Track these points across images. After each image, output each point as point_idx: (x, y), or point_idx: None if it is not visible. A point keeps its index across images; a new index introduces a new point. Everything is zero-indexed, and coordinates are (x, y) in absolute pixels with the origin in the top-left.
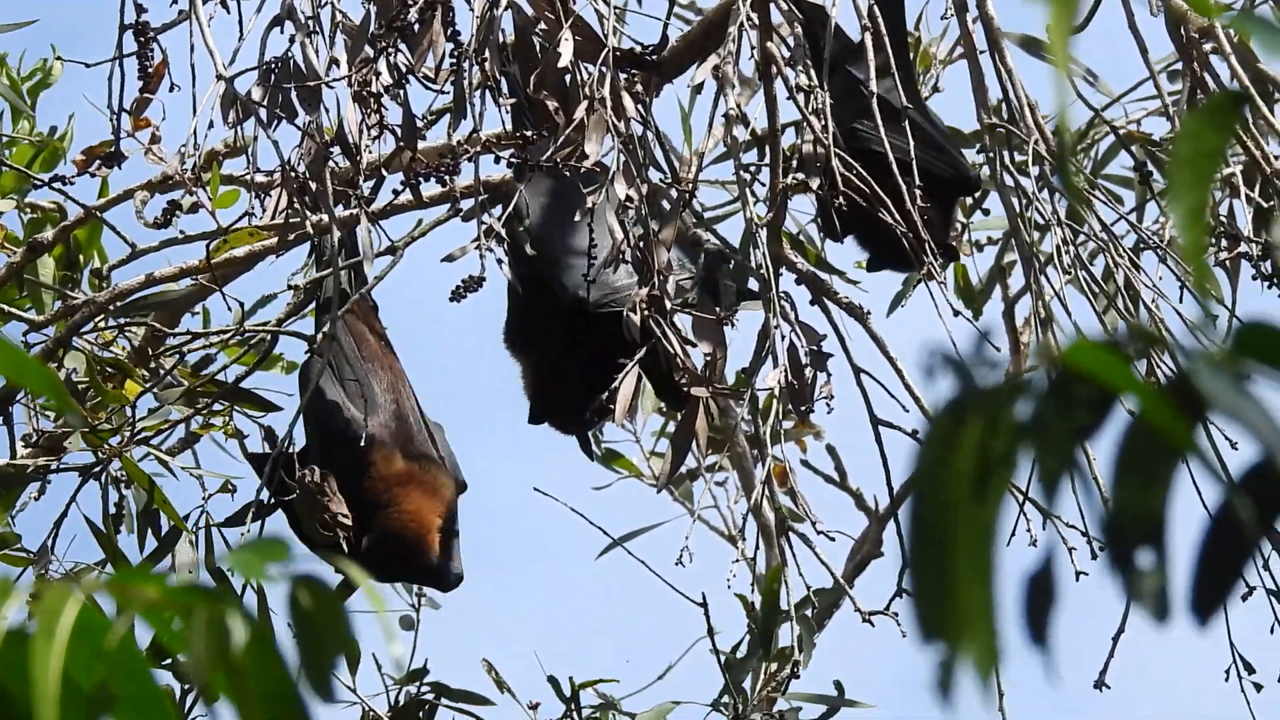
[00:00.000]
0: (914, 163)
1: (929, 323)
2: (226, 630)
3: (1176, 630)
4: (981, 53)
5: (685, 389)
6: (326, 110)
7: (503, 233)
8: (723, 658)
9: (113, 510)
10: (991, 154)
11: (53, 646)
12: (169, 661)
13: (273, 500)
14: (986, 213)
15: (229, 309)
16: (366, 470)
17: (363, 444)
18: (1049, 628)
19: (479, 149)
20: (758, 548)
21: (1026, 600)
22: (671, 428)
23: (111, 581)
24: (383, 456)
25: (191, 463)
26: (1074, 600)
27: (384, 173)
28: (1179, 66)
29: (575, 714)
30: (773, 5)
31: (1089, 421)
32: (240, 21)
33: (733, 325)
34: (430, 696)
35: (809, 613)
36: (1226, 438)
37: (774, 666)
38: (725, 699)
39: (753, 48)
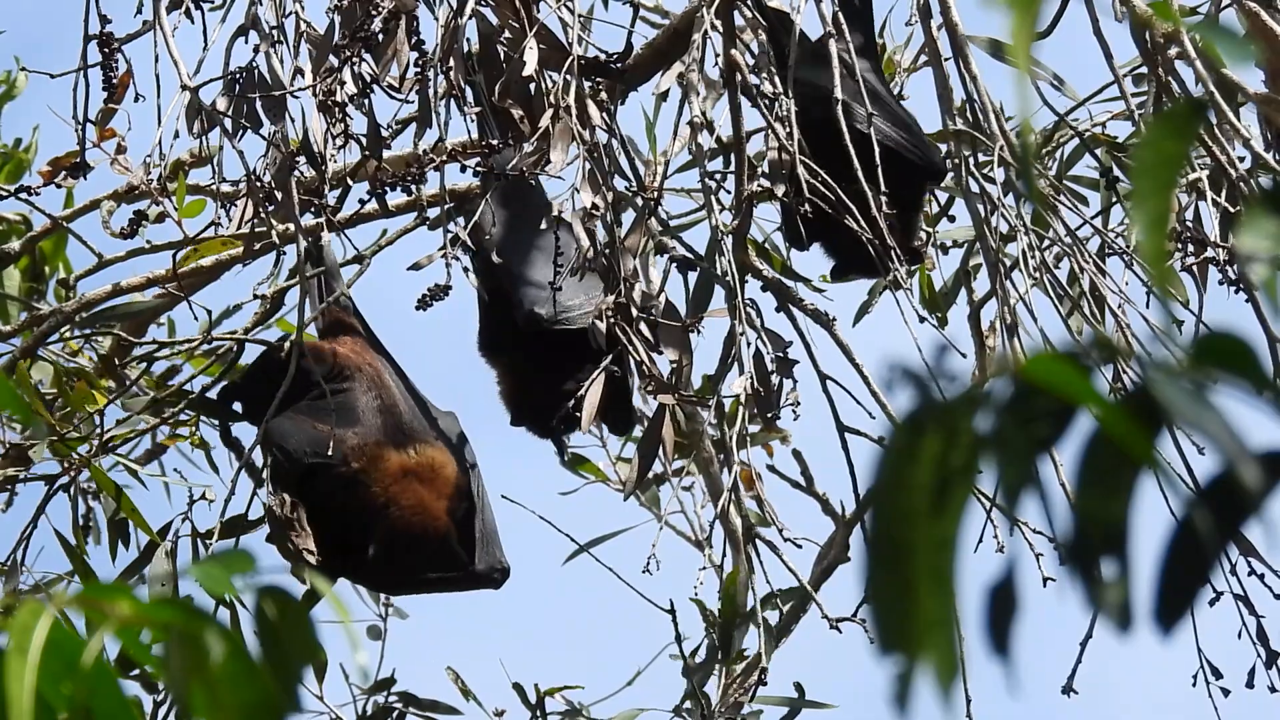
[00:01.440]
0: (884, 144)
1: (895, 329)
2: (204, 646)
3: (1141, 639)
4: (946, 59)
5: (633, 415)
6: (292, 120)
7: (469, 242)
8: (685, 663)
9: (81, 521)
10: (956, 160)
11: (26, 664)
12: (136, 672)
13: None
14: (952, 219)
15: (195, 318)
16: (358, 482)
17: (342, 466)
18: (1011, 638)
19: (445, 158)
20: (725, 554)
21: (989, 610)
22: (639, 433)
23: (84, 597)
24: (370, 461)
25: (159, 472)
26: (1041, 606)
27: (350, 182)
28: (1144, 70)
29: None
30: (736, 12)
31: (1049, 433)
32: (204, 32)
33: (698, 332)
34: (398, 706)
35: (772, 616)
36: (1193, 443)
37: (739, 670)
38: (689, 704)
39: (717, 54)
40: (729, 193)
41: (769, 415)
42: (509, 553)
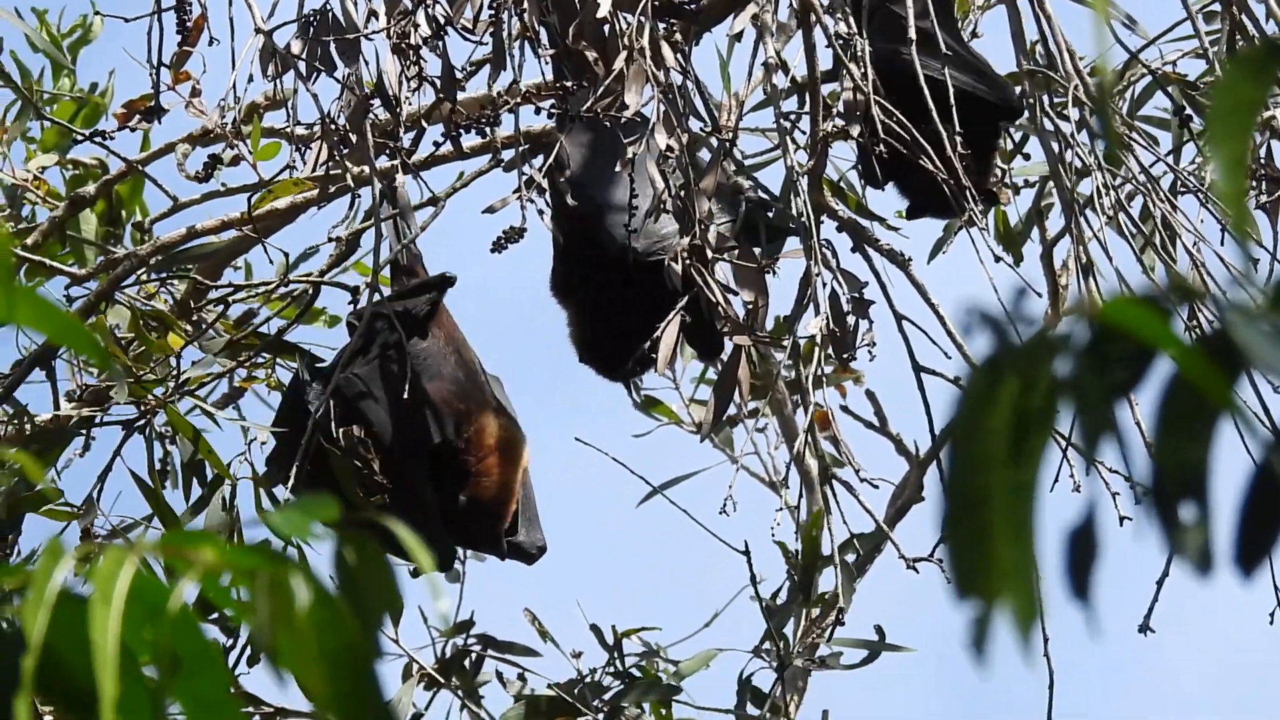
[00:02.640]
0: (959, 89)
1: (970, 269)
2: (290, 592)
3: (1220, 581)
4: None
5: (724, 338)
6: (366, 63)
7: (544, 184)
8: (764, 604)
9: (158, 465)
10: (1030, 99)
11: (111, 612)
12: (215, 616)
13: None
14: (1027, 157)
15: (270, 262)
16: (460, 450)
17: (456, 439)
18: (1091, 582)
19: (519, 100)
20: (800, 495)
21: (1068, 554)
22: (712, 375)
23: (167, 543)
24: (476, 432)
25: (237, 416)
26: (1116, 544)
27: (424, 124)
28: (1216, 7)
29: (618, 662)
30: None
31: (1128, 377)
32: None
33: (774, 273)
34: (476, 648)
35: (850, 558)
36: (1272, 385)
37: (816, 612)
38: (767, 645)
39: None
40: (804, 133)
41: (845, 356)
42: (585, 494)
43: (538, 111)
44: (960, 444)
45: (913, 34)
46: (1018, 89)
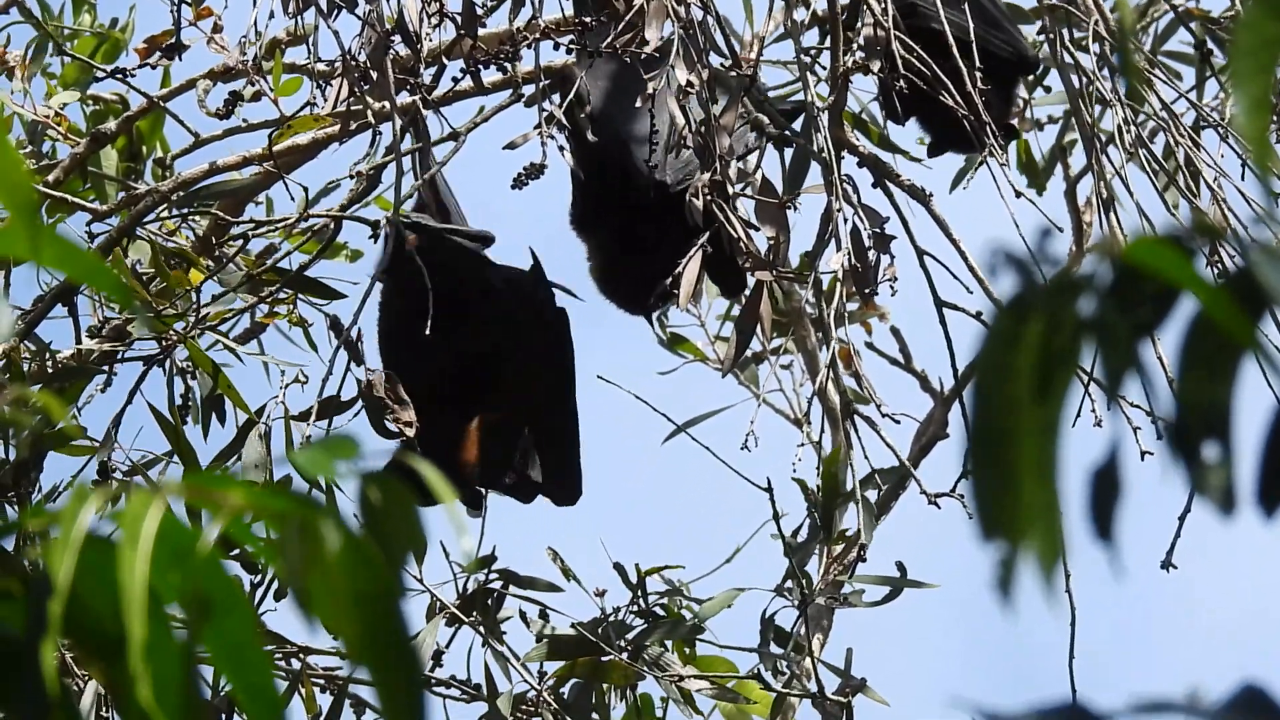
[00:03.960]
0: (973, 41)
1: (992, 203)
2: (319, 535)
3: (1243, 520)
4: None
5: (745, 272)
6: None
7: (564, 120)
8: (786, 542)
9: (178, 401)
10: (1051, 34)
11: (139, 555)
12: (236, 552)
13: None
14: (1048, 90)
15: (292, 198)
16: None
17: None
18: (1114, 522)
19: (539, 35)
20: (823, 431)
21: (1091, 495)
22: (736, 311)
23: (193, 485)
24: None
25: (258, 351)
26: (1138, 479)
27: (445, 61)
28: None
29: (641, 600)
30: None
31: (1151, 317)
32: None
33: (795, 209)
34: (497, 585)
35: (871, 494)
36: None
37: (838, 550)
38: (789, 584)
39: None
40: (824, 68)
41: (867, 291)
42: (608, 431)
43: (557, 47)
44: (984, 384)
45: None
46: (1038, 24)
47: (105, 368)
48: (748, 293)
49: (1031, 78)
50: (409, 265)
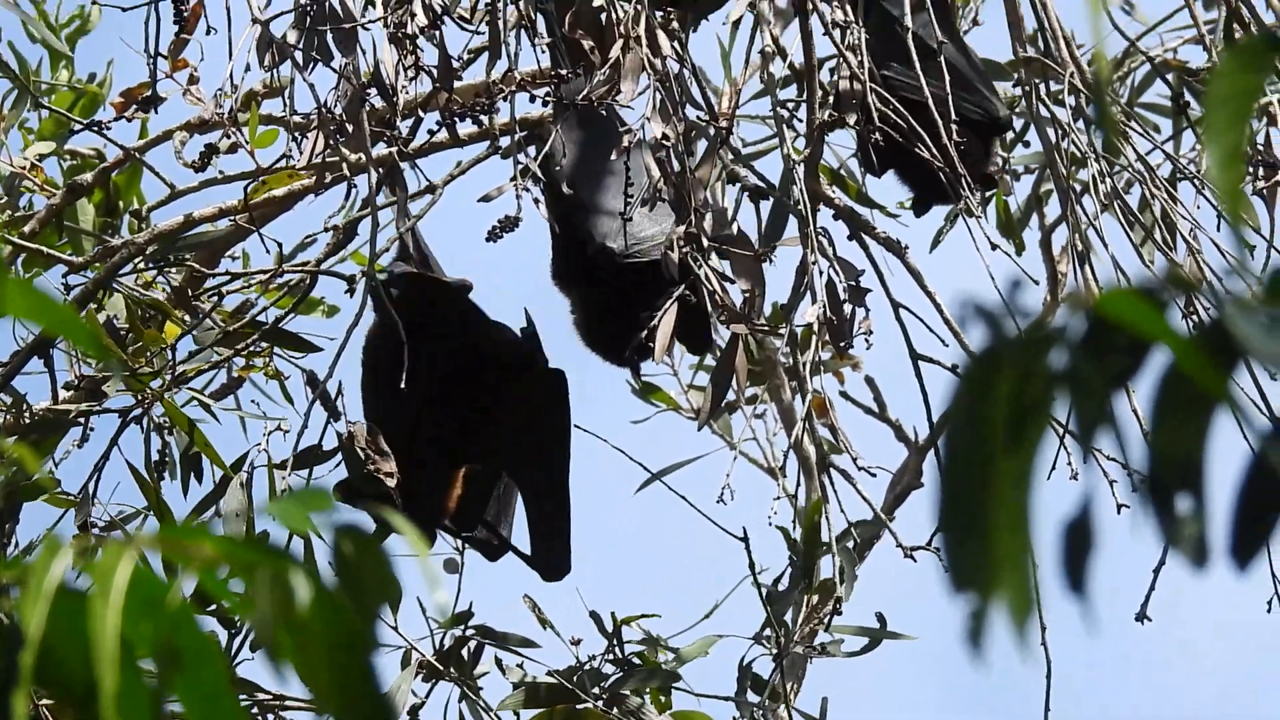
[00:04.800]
0: (947, 102)
1: (968, 257)
2: (290, 588)
3: (1217, 573)
4: None
5: (711, 331)
6: (363, 52)
7: (539, 173)
8: (764, 591)
9: (155, 457)
10: (1028, 87)
11: (111, 606)
12: (212, 608)
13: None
14: (1026, 145)
15: (267, 251)
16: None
17: None
18: (1087, 575)
19: (514, 88)
20: (799, 483)
21: (1065, 547)
22: (710, 360)
23: (165, 537)
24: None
25: (233, 405)
26: (1114, 531)
27: (421, 113)
28: None
29: (617, 649)
30: None
31: (1124, 369)
32: None
33: (771, 262)
34: (475, 639)
35: (850, 545)
36: (1270, 374)
37: (815, 600)
38: (767, 632)
39: None
40: (801, 121)
41: (842, 344)
42: (583, 480)
43: (533, 99)
44: (956, 436)
45: (910, 42)
46: (1015, 77)
47: (81, 421)
48: (723, 345)
49: (1008, 136)
50: (401, 312)
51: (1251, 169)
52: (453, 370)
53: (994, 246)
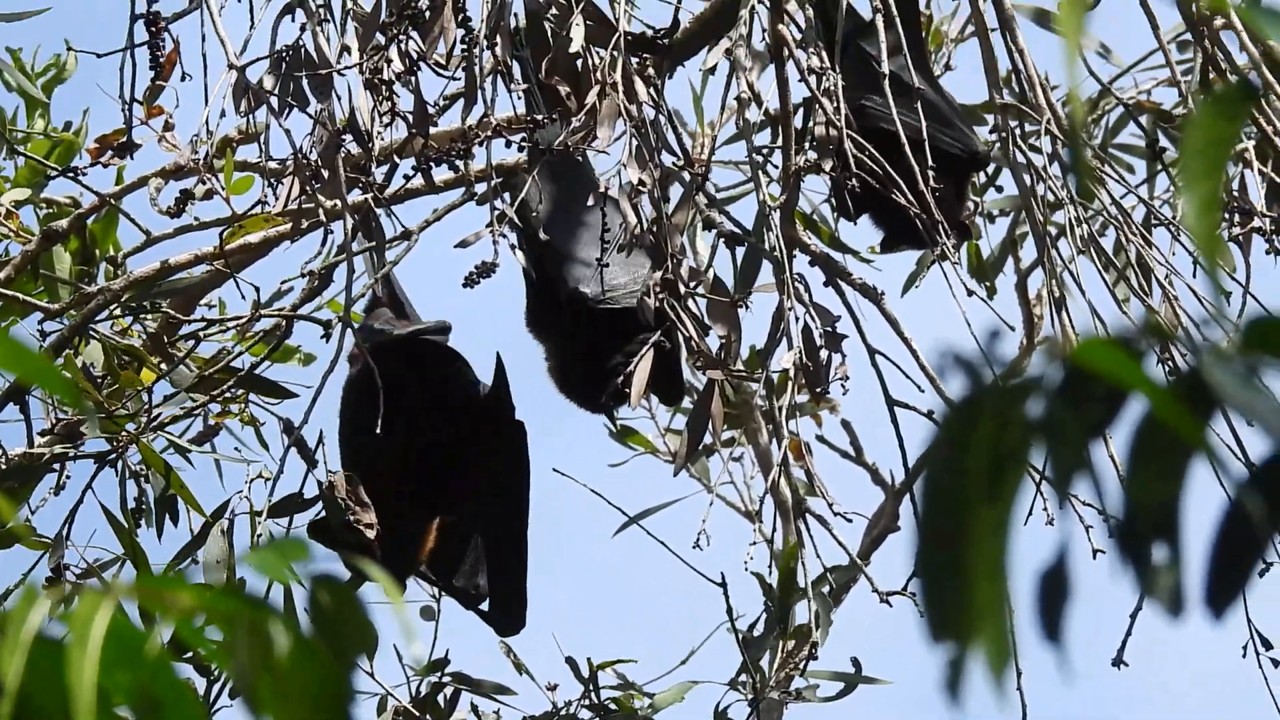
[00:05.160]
0: (925, 139)
1: (943, 302)
2: (268, 637)
3: (1193, 621)
4: (992, 30)
5: (683, 382)
6: (338, 98)
7: (515, 218)
8: (740, 636)
9: (132, 504)
10: (1004, 132)
11: (87, 656)
12: (189, 655)
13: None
14: (1000, 189)
15: (244, 297)
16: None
17: None
18: (1063, 624)
19: (490, 134)
20: (775, 527)
21: (1040, 596)
22: (688, 404)
23: (143, 587)
24: None
25: (209, 451)
26: (1090, 577)
27: (396, 159)
28: (1189, 37)
29: (593, 695)
30: None
31: (1101, 418)
32: (251, 10)
33: (747, 307)
34: (452, 686)
35: (825, 590)
36: (1246, 421)
37: (791, 645)
38: (743, 677)
39: (764, 29)
40: (776, 167)
41: (818, 390)
42: (560, 524)
43: (508, 145)
44: (935, 484)
45: (886, 81)
46: (990, 122)
47: (57, 467)
48: (699, 391)
49: (984, 176)
50: (379, 359)
51: (1227, 215)
52: (426, 421)
53: (970, 292)
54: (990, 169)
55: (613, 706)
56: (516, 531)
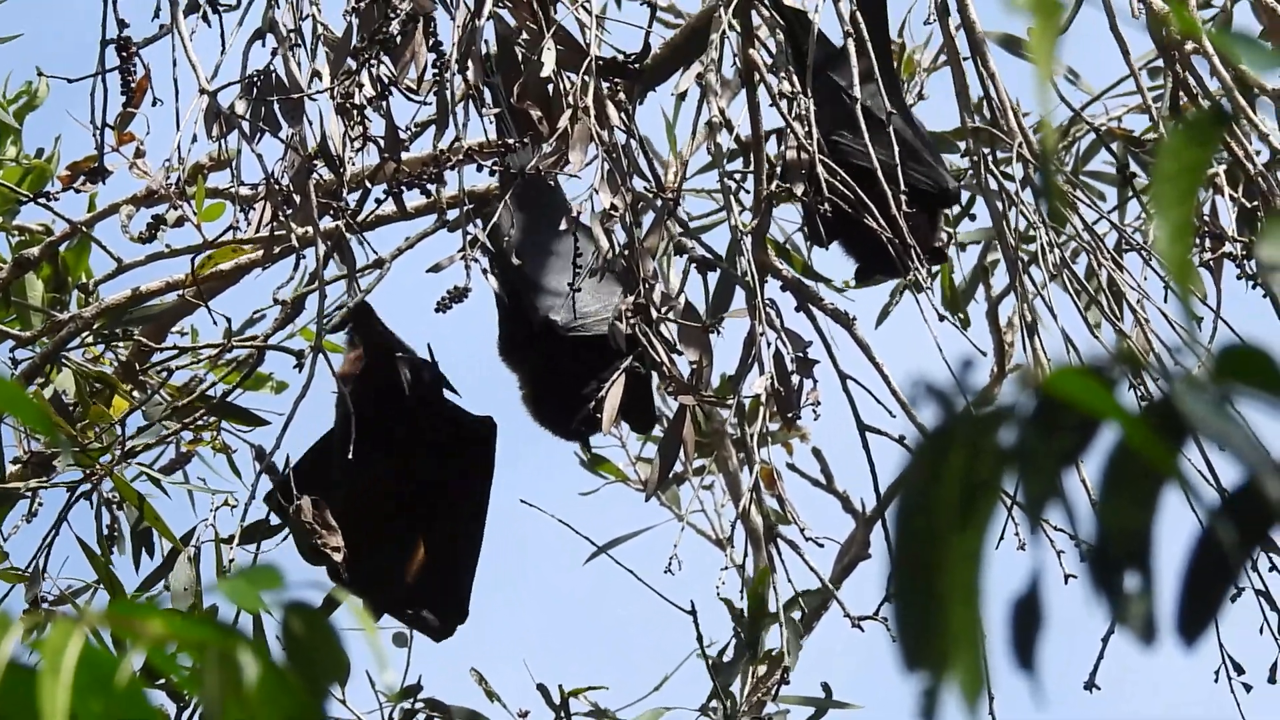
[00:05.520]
0: (896, 170)
1: (915, 328)
2: (238, 665)
3: (1165, 648)
4: (965, 59)
5: (654, 410)
6: (310, 123)
7: (488, 244)
8: (711, 662)
9: (106, 532)
10: (975, 158)
11: (60, 683)
12: (161, 681)
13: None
14: (973, 218)
15: (215, 324)
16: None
17: None
18: (1036, 652)
19: (462, 158)
20: (746, 554)
21: (1013, 624)
22: (658, 432)
23: (114, 614)
24: None
25: (182, 479)
26: (1062, 600)
27: (368, 184)
28: (1159, 64)
29: None
30: (754, 11)
31: (1073, 446)
32: (222, 35)
33: (718, 333)
34: (424, 710)
35: (796, 615)
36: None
37: (762, 670)
38: (714, 703)
39: (735, 55)
40: (748, 193)
41: (790, 415)
42: (531, 553)
43: (479, 170)
44: (908, 513)
45: (860, 112)
46: (962, 148)
47: (30, 494)
48: (670, 417)
49: (957, 208)
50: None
51: (1198, 240)
52: (418, 439)
53: (941, 318)
54: (960, 203)
55: None
56: (471, 532)
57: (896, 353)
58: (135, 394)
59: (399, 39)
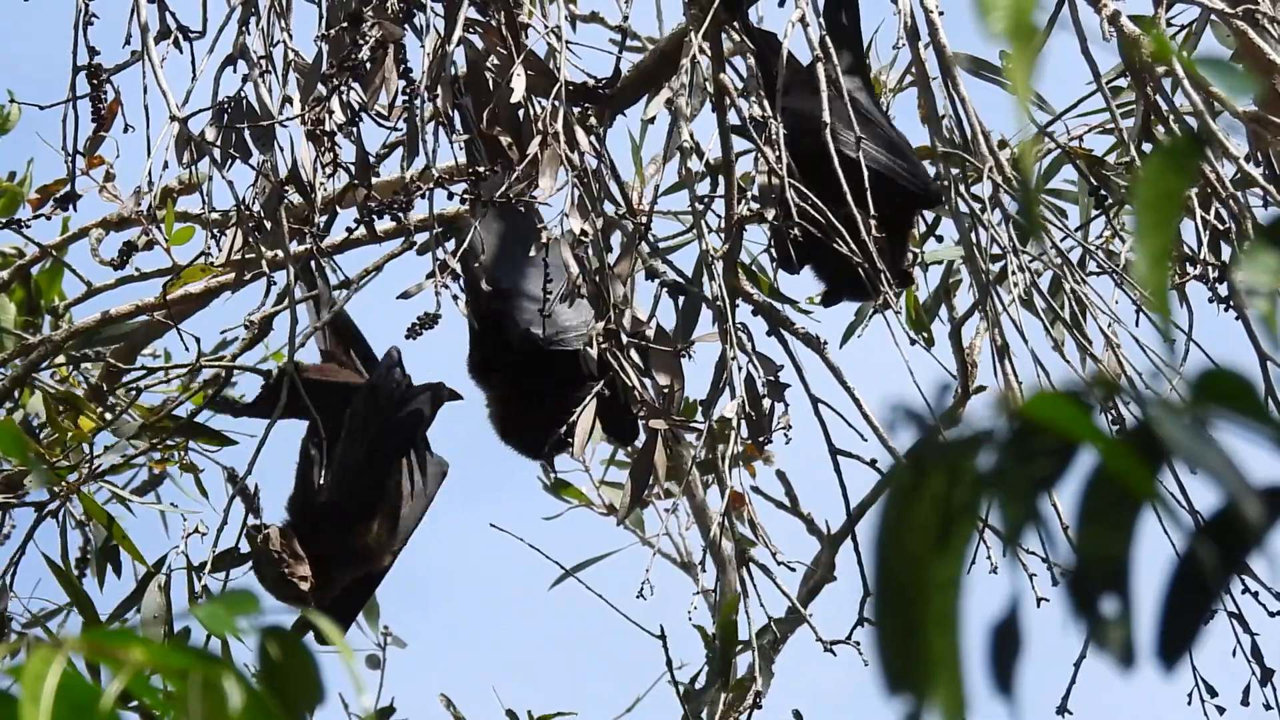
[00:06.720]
0: (877, 170)
1: (885, 351)
2: (222, 692)
3: (1143, 672)
4: (934, 79)
5: (641, 421)
6: (280, 149)
7: (458, 268)
8: (682, 689)
9: (76, 554)
10: (945, 180)
11: (40, 712)
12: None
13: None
14: (940, 239)
15: (186, 348)
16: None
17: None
18: (1014, 676)
19: (432, 184)
20: (716, 578)
21: (991, 649)
22: (622, 456)
23: (95, 642)
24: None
25: (154, 500)
26: (1035, 624)
27: (338, 209)
28: (1123, 82)
29: None
30: (724, 36)
31: (1050, 471)
32: (193, 61)
33: (689, 357)
34: None
35: (768, 641)
36: (1192, 472)
37: (732, 696)
38: None
39: (705, 79)
40: (718, 216)
41: (761, 439)
42: (499, 578)
43: (450, 196)
44: (886, 539)
45: (826, 108)
46: (931, 170)
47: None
48: (641, 440)
49: (925, 227)
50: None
51: (1171, 263)
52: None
53: (912, 341)
54: (931, 219)
55: None
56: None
57: (862, 374)
58: (105, 415)
59: (369, 65)
